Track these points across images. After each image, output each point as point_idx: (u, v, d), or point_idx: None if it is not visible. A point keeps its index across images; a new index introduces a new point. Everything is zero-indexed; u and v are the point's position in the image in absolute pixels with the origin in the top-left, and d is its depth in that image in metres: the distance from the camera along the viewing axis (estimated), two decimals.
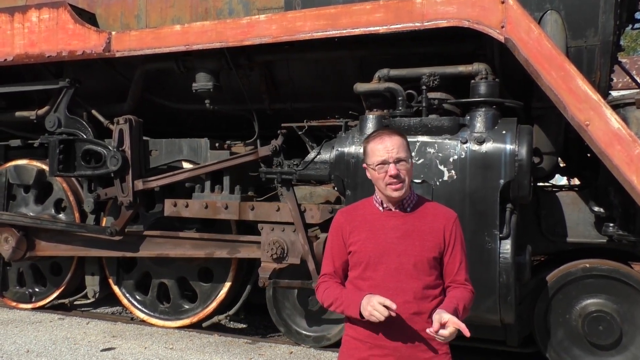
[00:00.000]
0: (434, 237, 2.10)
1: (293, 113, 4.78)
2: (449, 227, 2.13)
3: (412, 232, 2.09)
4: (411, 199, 2.16)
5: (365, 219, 2.17)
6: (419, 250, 2.07)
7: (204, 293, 5.16)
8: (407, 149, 2.12)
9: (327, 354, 4.53)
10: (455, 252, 2.12)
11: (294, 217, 4.35)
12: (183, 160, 5.03)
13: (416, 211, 2.15)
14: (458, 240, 2.14)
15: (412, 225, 2.11)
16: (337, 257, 2.22)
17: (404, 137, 2.13)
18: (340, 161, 3.91)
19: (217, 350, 4.56)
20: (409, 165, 2.10)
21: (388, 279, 2.05)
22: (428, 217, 2.13)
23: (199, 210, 4.71)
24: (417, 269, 2.06)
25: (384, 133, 2.13)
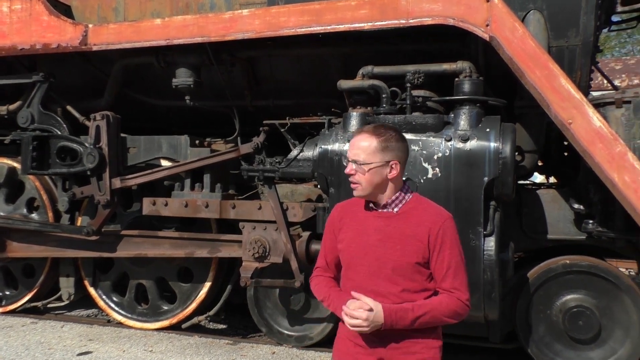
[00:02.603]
0: (416, 242, 2.02)
1: (275, 110, 4.73)
2: (434, 230, 2.02)
3: (393, 235, 2.04)
4: (399, 199, 2.08)
5: (356, 217, 2.16)
6: (398, 254, 2.02)
7: (184, 293, 5.06)
8: (373, 152, 2.03)
9: (310, 354, 4.49)
10: (441, 258, 2.01)
11: (276, 215, 4.30)
12: (162, 158, 4.92)
13: (404, 212, 2.07)
14: (446, 244, 2.01)
15: (394, 228, 2.05)
16: (329, 251, 2.24)
17: (376, 140, 2.05)
18: (323, 159, 3.88)
19: (197, 352, 4.48)
20: (365, 169, 2.03)
21: (367, 281, 2.05)
22: (413, 220, 2.05)
23: (179, 208, 4.62)
24: (396, 274, 2.02)
25: (359, 131, 2.15)
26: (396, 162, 2.05)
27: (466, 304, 2.02)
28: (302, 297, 4.65)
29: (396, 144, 2.07)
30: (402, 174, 2.12)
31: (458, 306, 2.01)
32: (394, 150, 2.06)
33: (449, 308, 2.00)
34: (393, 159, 2.05)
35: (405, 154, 2.13)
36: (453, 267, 2.02)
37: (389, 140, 2.06)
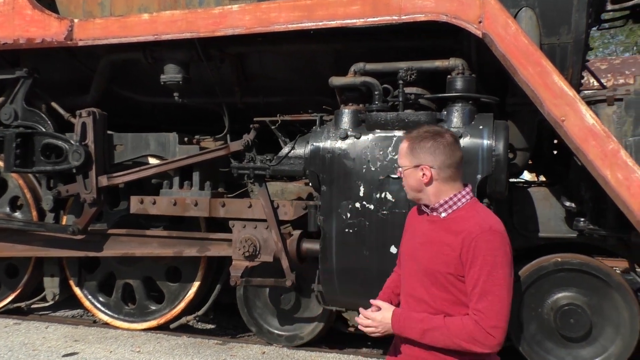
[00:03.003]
0: (450, 251, 1.90)
1: (265, 107, 4.67)
2: (467, 242, 1.86)
3: (434, 241, 1.98)
4: (448, 204, 1.99)
5: (414, 219, 2.18)
6: (430, 260, 1.96)
7: (172, 293, 4.98)
8: (405, 155, 2.05)
9: (301, 353, 4.44)
10: (471, 274, 1.84)
11: (267, 213, 4.24)
12: (149, 156, 4.84)
13: (451, 219, 1.97)
14: (477, 260, 1.83)
15: (437, 234, 1.99)
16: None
17: (407, 142, 2.07)
18: (315, 156, 3.83)
19: (186, 352, 4.41)
20: (406, 171, 2.06)
21: (409, 284, 2.06)
22: (454, 228, 1.93)
23: (167, 207, 4.54)
24: (429, 280, 1.96)
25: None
26: (426, 167, 1.98)
27: (488, 332, 1.78)
28: (293, 297, 4.60)
29: (429, 148, 1.99)
30: (447, 178, 2.00)
31: (476, 332, 1.79)
32: (425, 154, 1.99)
33: (465, 331, 1.81)
34: (422, 163, 2.00)
35: (446, 157, 1.98)
36: (479, 287, 1.82)
37: (418, 143, 2.01)
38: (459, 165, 2.01)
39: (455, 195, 1.99)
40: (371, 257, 3.69)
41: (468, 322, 1.81)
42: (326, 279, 3.88)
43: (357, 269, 3.74)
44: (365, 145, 3.72)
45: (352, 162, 3.73)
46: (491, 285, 1.80)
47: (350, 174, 3.72)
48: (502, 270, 1.80)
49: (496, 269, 1.80)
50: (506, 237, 1.87)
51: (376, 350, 4.86)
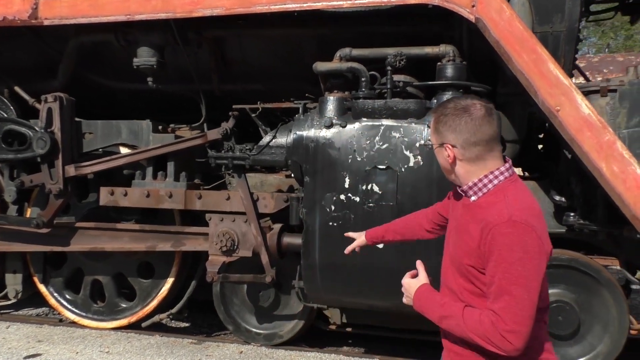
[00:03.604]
0: (470, 240, 1.71)
1: (244, 95, 4.43)
2: (484, 235, 1.66)
3: (461, 227, 1.80)
4: (478, 187, 1.75)
5: (453, 198, 1.97)
6: (457, 250, 1.80)
7: (144, 290, 4.73)
8: (434, 132, 1.82)
9: (280, 353, 4.25)
10: (488, 270, 1.65)
11: (246, 206, 4.03)
12: (121, 145, 4.57)
13: (478, 203, 1.75)
14: (493, 255, 1.62)
15: (465, 219, 1.79)
16: (440, 206, 2.19)
17: (434, 117, 1.83)
18: (298, 145, 3.64)
19: (159, 352, 4.17)
20: (435, 150, 1.84)
21: (442, 269, 1.93)
22: (479, 215, 1.72)
23: (140, 199, 4.29)
24: (454, 268, 1.80)
25: None
26: (449, 146, 1.75)
27: (503, 336, 1.56)
28: (272, 293, 4.40)
29: (451, 124, 1.74)
30: (475, 158, 1.73)
31: (491, 333, 1.58)
32: (447, 132, 1.75)
33: (481, 328, 1.61)
34: (445, 141, 1.76)
35: (470, 135, 1.71)
36: (495, 286, 1.61)
37: (442, 118, 1.77)
38: (490, 143, 1.72)
39: (486, 177, 1.73)
40: (356, 252, 3.49)
41: (485, 320, 1.61)
42: (308, 274, 3.69)
43: (341, 265, 3.57)
44: (351, 135, 3.54)
45: (337, 152, 3.55)
46: (507, 284, 1.58)
47: (335, 165, 3.54)
48: (521, 268, 1.57)
49: (513, 266, 1.57)
50: (532, 228, 1.60)
51: (357, 348, 4.70)
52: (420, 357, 4.23)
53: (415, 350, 4.50)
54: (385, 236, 2.37)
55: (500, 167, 1.74)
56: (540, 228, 1.64)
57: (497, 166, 1.74)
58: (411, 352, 4.44)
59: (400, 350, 4.49)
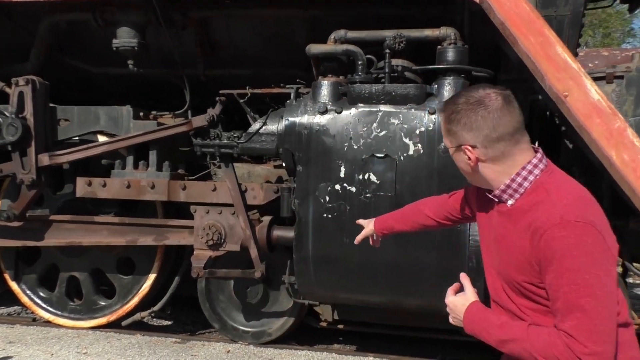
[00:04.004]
0: (520, 255, 1.43)
1: (231, 80, 4.19)
2: (534, 244, 1.38)
3: (503, 240, 1.51)
4: (513, 188, 1.47)
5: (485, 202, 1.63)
6: (506, 267, 1.49)
7: (124, 287, 4.48)
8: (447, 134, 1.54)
9: (269, 351, 4.04)
10: (548, 284, 1.38)
11: (234, 197, 3.81)
12: (99, 133, 4.29)
13: (517, 208, 1.47)
14: (552, 265, 1.35)
15: (505, 230, 1.50)
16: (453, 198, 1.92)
17: (443, 117, 1.55)
18: (290, 133, 3.43)
19: (141, 353, 3.93)
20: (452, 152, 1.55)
21: (490, 284, 1.61)
22: (524, 221, 1.43)
23: (120, 190, 4.03)
24: (509, 287, 1.51)
25: None
26: (467, 147, 1.48)
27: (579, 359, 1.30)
28: (260, 289, 4.19)
29: (466, 123, 1.47)
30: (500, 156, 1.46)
31: (565, 357, 1.31)
32: (462, 132, 1.48)
33: (554, 351, 1.33)
34: (463, 142, 1.49)
35: (490, 130, 1.44)
36: (561, 302, 1.34)
37: (453, 117, 1.50)
38: (515, 135, 1.46)
39: (519, 175, 1.47)
40: (352, 245, 3.29)
41: (558, 342, 1.33)
42: (301, 269, 3.49)
43: (336, 258, 3.38)
44: (347, 121, 3.34)
45: (332, 140, 3.35)
46: (575, 298, 1.31)
47: (330, 153, 3.35)
48: (588, 275, 1.31)
49: (578, 275, 1.31)
50: (590, 225, 1.34)
51: (349, 346, 4.52)
52: (414, 355, 4.07)
53: (410, 348, 4.34)
54: (395, 227, 2.12)
55: (531, 160, 1.47)
56: (599, 222, 1.37)
57: (528, 159, 1.47)
58: (406, 349, 4.28)
59: (395, 348, 4.32)
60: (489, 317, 1.49)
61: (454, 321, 1.60)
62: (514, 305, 1.49)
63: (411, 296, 3.40)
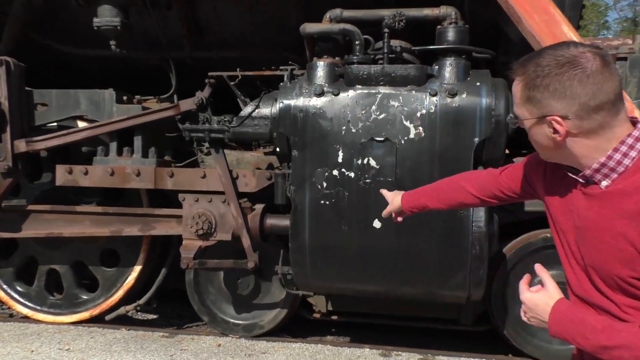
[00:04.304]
0: (627, 245, 1.22)
1: (219, 63, 4.00)
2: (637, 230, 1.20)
3: (597, 228, 1.29)
4: (609, 168, 1.25)
5: (559, 179, 1.42)
6: (603, 260, 1.29)
7: (108, 280, 4.29)
8: (526, 102, 1.30)
9: (262, 344, 3.90)
10: None
11: (225, 184, 3.64)
12: (79, 118, 4.07)
13: (616, 191, 1.26)
14: None
15: (599, 217, 1.28)
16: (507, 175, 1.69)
17: (524, 81, 1.30)
18: (285, 116, 3.28)
19: (127, 348, 3.75)
20: (527, 125, 1.33)
21: (572, 278, 1.39)
22: (625, 208, 1.23)
23: (103, 177, 3.82)
24: (605, 283, 1.30)
25: None
26: (556, 118, 1.25)
27: None
28: (252, 280, 4.04)
29: (557, 86, 1.23)
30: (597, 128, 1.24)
31: None
32: (551, 99, 1.25)
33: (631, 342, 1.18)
34: (549, 112, 1.25)
35: (590, 97, 1.22)
36: None
37: (539, 81, 1.25)
38: (616, 103, 1.23)
39: (617, 150, 1.23)
40: (351, 232, 3.21)
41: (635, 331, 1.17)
42: (297, 258, 3.35)
43: (334, 247, 3.25)
44: (344, 103, 3.21)
45: (329, 123, 3.21)
46: None
47: (327, 137, 3.21)
48: None
49: None
50: None
51: (342, 338, 4.41)
52: (410, 345, 3.98)
53: (404, 338, 4.25)
54: (428, 205, 1.89)
55: (632, 133, 1.23)
56: None
57: (627, 131, 1.24)
58: (400, 339, 4.19)
59: (389, 338, 4.22)
60: (586, 319, 1.27)
61: (531, 321, 1.39)
62: (611, 304, 1.29)
63: (412, 284, 3.29)
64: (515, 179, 1.65)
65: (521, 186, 1.63)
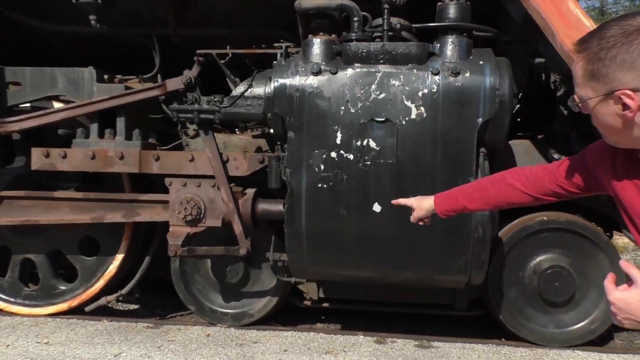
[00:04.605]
0: None
1: (206, 41, 3.81)
2: None
3: None
4: None
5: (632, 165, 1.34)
6: None
7: (87, 269, 4.08)
8: (583, 81, 1.22)
9: (252, 333, 3.77)
10: None
11: (215, 168, 3.48)
12: (56, 99, 3.83)
13: None
14: None
15: None
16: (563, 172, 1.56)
17: (586, 57, 1.21)
18: (280, 95, 3.13)
19: (111, 340, 3.57)
20: (592, 105, 1.23)
21: None
22: None
23: (83, 161, 3.60)
24: None
25: None
26: (626, 92, 1.15)
27: None
28: (241, 268, 3.89)
29: (626, 57, 1.14)
30: None
31: None
32: (618, 71, 1.15)
33: None
34: (617, 86, 1.16)
35: None
36: None
37: (601, 54, 1.16)
38: None
39: None
40: (350, 217, 3.09)
41: None
42: (293, 244, 3.22)
43: (332, 232, 3.14)
44: (343, 82, 3.08)
45: (326, 103, 3.08)
46: None
47: (325, 117, 3.08)
48: None
49: None
50: None
51: (333, 325, 4.32)
52: (403, 331, 3.90)
53: (396, 324, 4.18)
54: (468, 206, 1.77)
55: None
56: None
57: None
58: (392, 325, 4.12)
59: (380, 325, 4.15)
60: None
61: (625, 323, 1.28)
62: None
63: (412, 269, 3.20)
64: (576, 172, 1.54)
65: (583, 179, 1.52)
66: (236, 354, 3.37)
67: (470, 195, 1.77)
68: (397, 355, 3.39)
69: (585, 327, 3.63)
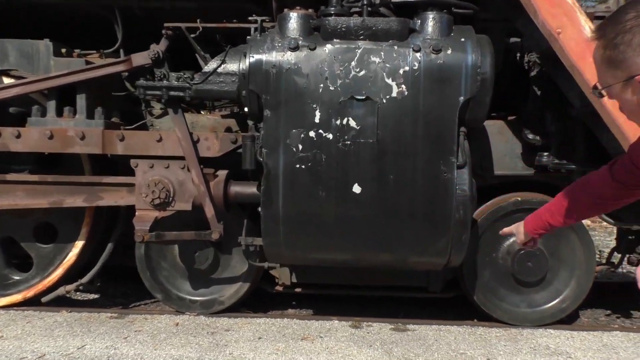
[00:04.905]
0: None
1: (172, 14, 3.60)
2: None
3: None
4: None
5: None
6: None
7: (44, 257, 3.83)
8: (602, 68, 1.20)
9: (223, 321, 3.63)
10: None
11: (185, 148, 3.30)
12: (6, 74, 3.53)
13: None
14: None
15: None
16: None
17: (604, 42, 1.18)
18: (256, 72, 2.99)
19: (72, 332, 3.35)
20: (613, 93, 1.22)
21: None
22: None
23: (40, 141, 3.35)
24: None
25: None
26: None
27: None
28: (211, 254, 3.73)
29: (638, 39, 1.12)
30: None
31: None
32: (635, 55, 1.13)
33: None
34: (637, 71, 1.13)
35: None
36: None
37: (619, 38, 1.14)
38: None
39: None
40: (329, 198, 3.00)
41: None
42: (269, 228, 3.10)
43: (310, 214, 3.03)
44: (321, 59, 2.96)
45: (305, 80, 2.95)
46: None
47: (303, 95, 2.96)
48: None
49: None
50: None
51: (305, 310, 4.23)
52: (377, 315, 3.86)
53: (369, 308, 4.14)
54: (552, 223, 1.77)
55: None
56: None
57: None
58: (365, 309, 4.07)
59: (353, 309, 4.09)
60: None
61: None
62: None
63: (391, 251, 3.14)
64: (630, 170, 1.52)
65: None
66: (209, 342, 3.23)
67: (552, 212, 1.77)
68: (374, 339, 3.33)
69: (557, 305, 3.69)
